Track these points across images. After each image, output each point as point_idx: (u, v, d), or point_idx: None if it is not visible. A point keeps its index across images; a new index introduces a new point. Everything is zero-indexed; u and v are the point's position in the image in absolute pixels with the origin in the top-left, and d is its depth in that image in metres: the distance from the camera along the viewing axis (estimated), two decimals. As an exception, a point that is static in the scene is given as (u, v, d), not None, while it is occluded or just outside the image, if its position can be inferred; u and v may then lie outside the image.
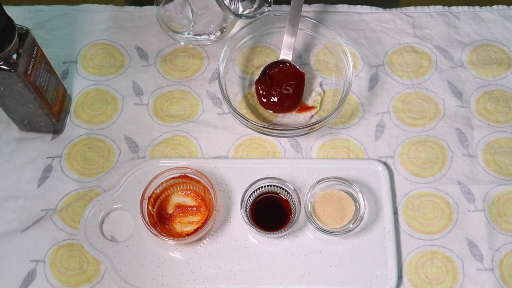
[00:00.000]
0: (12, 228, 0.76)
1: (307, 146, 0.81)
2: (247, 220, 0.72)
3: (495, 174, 0.79)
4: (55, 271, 0.74)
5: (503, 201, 0.78)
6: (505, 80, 0.86)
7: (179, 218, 0.76)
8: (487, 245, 0.75)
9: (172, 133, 0.82)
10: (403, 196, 0.78)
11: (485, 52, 0.88)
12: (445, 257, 0.75)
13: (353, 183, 0.74)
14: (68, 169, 0.80)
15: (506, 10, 0.91)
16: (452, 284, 0.73)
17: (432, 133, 0.82)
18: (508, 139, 0.81)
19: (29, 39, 0.72)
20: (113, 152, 0.81)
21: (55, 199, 0.78)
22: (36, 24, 0.90)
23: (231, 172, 0.79)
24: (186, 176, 0.75)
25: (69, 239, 0.75)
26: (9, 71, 0.70)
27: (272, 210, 0.76)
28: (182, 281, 0.73)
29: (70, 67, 0.87)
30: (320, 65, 0.86)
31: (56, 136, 0.82)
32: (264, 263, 0.74)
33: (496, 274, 0.74)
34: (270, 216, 0.75)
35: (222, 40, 0.88)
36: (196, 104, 0.85)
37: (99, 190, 0.78)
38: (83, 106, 0.84)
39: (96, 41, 0.89)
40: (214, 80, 0.86)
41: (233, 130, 0.82)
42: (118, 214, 0.77)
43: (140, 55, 0.88)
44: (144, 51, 0.88)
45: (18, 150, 0.81)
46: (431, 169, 0.80)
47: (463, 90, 0.85)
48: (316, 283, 0.72)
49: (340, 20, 0.91)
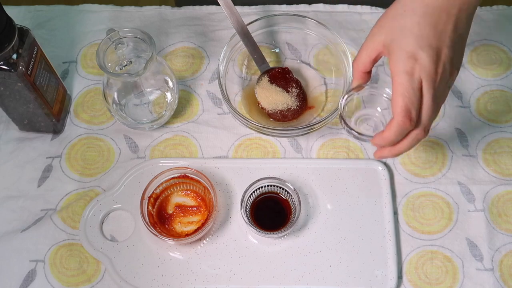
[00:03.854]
0: (12, 228, 0.76)
1: (307, 146, 0.81)
2: (247, 220, 0.72)
3: (495, 174, 0.79)
4: (55, 271, 0.74)
5: (503, 201, 0.78)
6: (505, 80, 0.86)
7: (179, 218, 0.76)
8: (487, 245, 0.75)
9: (172, 133, 0.82)
10: (403, 196, 0.78)
11: (485, 52, 0.88)
12: (445, 257, 0.75)
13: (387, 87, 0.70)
14: (68, 169, 0.80)
15: (506, 10, 0.91)
16: (452, 284, 0.73)
17: (432, 133, 0.82)
18: (508, 139, 0.81)
19: (29, 39, 0.72)
20: (113, 152, 0.81)
21: (55, 199, 0.78)
22: (36, 24, 0.90)
23: (231, 172, 0.79)
24: (186, 176, 0.75)
25: (69, 239, 0.75)
26: (9, 71, 0.70)
27: (272, 210, 0.76)
28: (182, 281, 0.73)
29: (70, 67, 0.87)
30: (320, 65, 0.86)
31: (56, 136, 0.82)
32: (264, 263, 0.74)
33: (496, 274, 0.74)
34: (270, 216, 0.75)
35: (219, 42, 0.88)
36: (196, 104, 0.85)
37: (99, 190, 0.78)
38: (83, 106, 0.84)
39: (96, 41, 0.89)
40: (214, 80, 0.86)
41: (233, 130, 0.82)
42: (118, 214, 0.77)
43: (140, 55, 0.88)
44: (144, 51, 0.88)
45: (18, 150, 0.81)
46: (431, 169, 0.80)
47: (463, 90, 0.85)
48: (316, 283, 0.72)
49: (340, 20, 0.91)
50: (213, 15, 0.92)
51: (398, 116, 0.59)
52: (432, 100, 0.59)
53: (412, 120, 0.59)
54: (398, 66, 0.59)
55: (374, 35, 0.63)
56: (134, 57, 0.77)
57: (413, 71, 0.58)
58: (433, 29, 0.59)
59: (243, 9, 0.91)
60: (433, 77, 0.59)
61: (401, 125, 0.59)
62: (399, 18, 0.61)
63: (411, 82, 0.58)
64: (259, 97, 0.82)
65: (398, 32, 0.60)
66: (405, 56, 0.59)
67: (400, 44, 0.60)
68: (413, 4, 0.60)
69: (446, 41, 0.60)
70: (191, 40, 0.89)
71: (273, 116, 0.82)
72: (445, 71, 0.60)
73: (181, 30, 0.90)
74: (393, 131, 0.60)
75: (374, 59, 0.64)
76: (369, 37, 0.63)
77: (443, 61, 0.59)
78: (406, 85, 0.58)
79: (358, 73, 0.66)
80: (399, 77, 0.59)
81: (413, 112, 0.59)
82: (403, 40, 0.59)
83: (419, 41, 0.59)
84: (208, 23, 0.91)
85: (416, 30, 0.59)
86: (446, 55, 0.60)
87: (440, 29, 0.59)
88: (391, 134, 0.60)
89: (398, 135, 0.60)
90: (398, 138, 0.61)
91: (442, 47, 0.59)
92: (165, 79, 0.80)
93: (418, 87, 0.59)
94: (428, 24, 0.59)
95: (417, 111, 0.59)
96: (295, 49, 0.88)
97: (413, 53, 0.59)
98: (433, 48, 0.59)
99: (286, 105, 0.81)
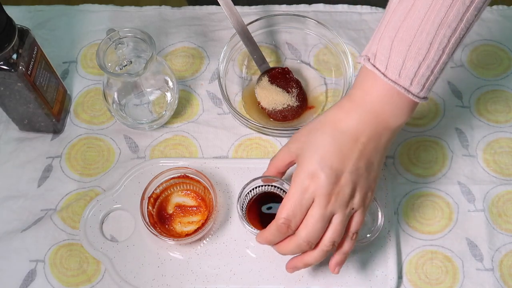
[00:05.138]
0: (12, 228, 0.76)
1: (307, 146, 0.81)
2: (243, 217, 0.71)
3: (495, 174, 0.79)
4: (55, 271, 0.74)
5: (503, 201, 0.78)
6: (505, 80, 0.86)
7: (179, 218, 0.76)
8: (487, 245, 0.75)
9: (172, 133, 0.82)
10: (403, 196, 0.78)
11: (485, 52, 0.88)
12: (445, 257, 0.75)
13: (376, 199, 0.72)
14: (68, 169, 0.80)
15: (506, 10, 0.91)
16: (452, 284, 0.73)
17: (432, 133, 0.82)
18: (508, 139, 0.81)
19: (29, 39, 0.72)
20: (113, 152, 0.81)
21: (55, 199, 0.78)
22: (36, 24, 0.90)
23: (231, 172, 0.79)
24: (186, 176, 0.75)
25: (69, 239, 0.75)
26: (9, 71, 0.70)
27: (271, 209, 0.75)
28: (182, 281, 0.73)
29: (70, 67, 0.87)
30: (320, 65, 0.86)
31: (56, 136, 0.82)
32: (264, 263, 0.74)
33: (496, 274, 0.74)
34: (268, 216, 0.75)
35: (219, 42, 0.89)
36: (196, 104, 0.85)
37: (99, 190, 0.78)
38: (83, 106, 0.84)
39: (96, 41, 0.89)
40: (214, 80, 0.86)
41: (233, 130, 0.82)
42: (118, 214, 0.77)
43: (140, 55, 0.88)
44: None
45: (18, 150, 0.81)
46: (431, 169, 0.80)
47: (463, 90, 0.85)
48: (316, 283, 0.72)
49: (340, 20, 0.91)
50: (213, 15, 0.92)
51: (279, 220, 0.63)
52: (318, 216, 0.62)
53: (290, 228, 0.63)
54: (297, 180, 0.62)
55: (292, 143, 0.66)
56: (134, 57, 0.77)
57: (307, 188, 0.62)
58: (338, 153, 0.62)
59: (243, 9, 0.91)
60: (326, 198, 0.61)
61: (279, 229, 0.63)
62: (313, 133, 0.64)
63: (301, 198, 0.62)
64: (259, 97, 0.82)
65: (308, 147, 0.63)
66: (305, 173, 0.62)
67: (305, 159, 0.63)
68: (326, 124, 0.63)
69: (349, 166, 0.62)
70: (191, 40, 0.89)
71: (273, 116, 0.82)
72: (343, 193, 0.62)
73: (181, 30, 0.90)
74: (271, 231, 0.64)
75: (288, 164, 0.68)
76: (288, 143, 0.67)
77: (341, 185, 0.62)
78: (296, 198, 0.62)
79: (273, 170, 0.69)
80: (294, 189, 0.62)
81: (293, 223, 0.62)
82: (309, 157, 0.62)
83: (321, 161, 0.61)
84: (208, 23, 0.91)
85: (322, 150, 0.62)
86: (346, 179, 0.62)
87: (344, 153, 0.62)
88: (270, 233, 0.64)
89: (276, 236, 0.64)
90: (276, 239, 0.64)
91: (343, 171, 0.62)
92: (165, 79, 0.80)
93: (306, 205, 0.62)
94: (334, 147, 0.62)
95: (297, 222, 0.63)
96: (295, 49, 0.88)
97: (313, 172, 0.61)
98: (333, 170, 0.61)
99: (286, 105, 0.81)
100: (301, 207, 0.62)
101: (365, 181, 0.63)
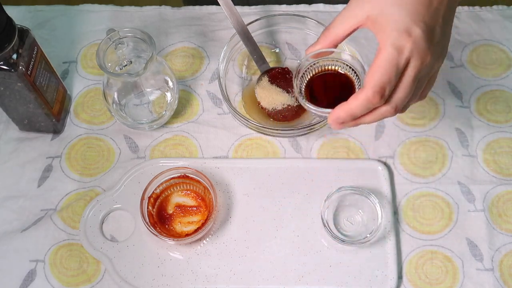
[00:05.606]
0: (12, 228, 0.76)
1: (307, 146, 0.81)
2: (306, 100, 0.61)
3: (495, 174, 0.79)
4: (55, 271, 0.74)
5: (503, 201, 0.78)
6: (505, 80, 0.86)
7: (179, 218, 0.76)
8: (487, 245, 0.75)
9: (172, 133, 0.82)
10: (403, 196, 0.78)
11: (485, 52, 0.88)
12: (445, 257, 0.75)
13: (371, 194, 0.73)
14: (68, 169, 0.80)
15: (506, 10, 0.91)
16: (452, 284, 0.73)
17: (432, 133, 0.82)
18: (508, 139, 0.81)
19: (29, 39, 0.72)
20: (113, 152, 0.81)
21: (55, 199, 0.78)
22: (36, 24, 0.90)
23: (231, 172, 0.79)
24: (186, 176, 0.75)
25: (69, 239, 0.75)
26: (9, 71, 0.70)
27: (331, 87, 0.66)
28: (182, 281, 0.73)
29: (70, 67, 0.87)
30: (320, 65, 0.86)
31: (56, 136, 0.82)
32: (264, 263, 0.74)
33: (496, 274, 0.74)
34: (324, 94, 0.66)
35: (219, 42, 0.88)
36: (196, 104, 0.85)
37: (99, 190, 0.78)
38: (83, 106, 0.84)
39: (96, 41, 0.89)
40: (214, 80, 0.86)
41: (233, 130, 0.82)
42: (118, 214, 0.77)
43: (140, 55, 0.88)
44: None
45: (18, 150, 0.81)
46: (431, 169, 0.80)
47: (463, 90, 0.85)
48: (316, 283, 0.73)
49: (340, 20, 0.91)
50: (213, 15, 0.92)
51: (370, 90, 0.55)
52: (413, 80, 0.55)
53: (383, 98, 0.55)
54: (389, 39, 0.55)
55: (357, 6, 0.57)
56: (134, 57, 0.77)
57: (403, 47, 0.55)
58: (428, 6, 0.55)
59: (243, 9, 0.91)
60: (423, 57, 0.55)
61: (370, 100, 0.55)
62: None
63: (398, 59, 0.54)
64: (259, 97, 0.82)
65: (389, 5, 0.55)
66: (397, 30, 0.54)
67: (391, 17, 0.55)
68: None
69: (439, 21, 0.56)
70: (191, 40, 0.89)
71: (273, 116, 0.82)
72: (435, 52, 0.56)
73: (181, 30, 0.90)
74: (359, 104, 0.55)
75: (351, 31, 0.59)
76: (349, 7, 0.58)
77: (436, 41, 0.56)
78: (391, 61, 0.54)
79: (327, 43, 0.60)
80: (386, 51, 0.54)
81: (387, 90, 0.55)
82: (396, 14, 0.55)
83: (413, 16, 0.55)
84: (208, 23, 0.91)
85: (410, 5, 0.55)
86: (439, 35, 0.56)
87: (434, 6, 0.56)
88: (356, 107, 0.56)
89: (364, 109, 0.56)
90: (363, 112, 0.56)
91: (435, 26, 0.56)
92: (165, 79, 0.80)
93: (403, 66, 0.55)
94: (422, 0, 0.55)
95: (391, 89, 0.55)
96: (295, 49, 0.88)
97: (407, 28, 0.54)
98: (427, 25, 0.55)
99: (286, 105, 0.81)
100: (397, 71, 0.54)
101: (446, 43, 0.58)
